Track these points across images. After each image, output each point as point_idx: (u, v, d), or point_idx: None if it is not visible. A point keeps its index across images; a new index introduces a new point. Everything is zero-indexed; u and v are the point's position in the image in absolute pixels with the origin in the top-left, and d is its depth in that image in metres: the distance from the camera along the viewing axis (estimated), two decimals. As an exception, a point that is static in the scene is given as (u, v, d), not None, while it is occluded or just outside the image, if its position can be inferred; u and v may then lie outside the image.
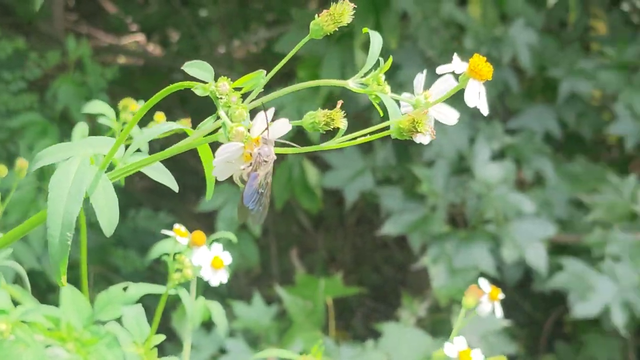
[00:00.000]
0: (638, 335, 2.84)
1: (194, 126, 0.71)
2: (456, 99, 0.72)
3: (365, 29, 0.71)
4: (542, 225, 2.60)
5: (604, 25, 3.27)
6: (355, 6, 0.70)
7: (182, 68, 0.60)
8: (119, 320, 1.17)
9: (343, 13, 0.67)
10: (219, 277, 1.03)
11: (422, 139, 0.69)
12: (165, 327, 1.78)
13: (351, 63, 2.70)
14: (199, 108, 2.99)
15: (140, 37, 4.11)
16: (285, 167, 2.86)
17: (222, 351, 2.38)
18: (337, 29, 0.70)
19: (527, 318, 3.15)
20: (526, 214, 2.59)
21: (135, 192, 3.24)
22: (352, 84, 0.69)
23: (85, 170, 0.65)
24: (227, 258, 1.03)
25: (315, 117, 0.66)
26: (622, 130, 2.81)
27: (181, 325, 2.34)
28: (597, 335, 2.74)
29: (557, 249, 2.76)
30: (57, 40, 3.36)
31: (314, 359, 1.06)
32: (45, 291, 2.56)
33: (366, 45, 2.71)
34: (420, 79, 0.72)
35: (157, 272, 3.02)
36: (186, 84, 0.61)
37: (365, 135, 0.65)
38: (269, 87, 0.68)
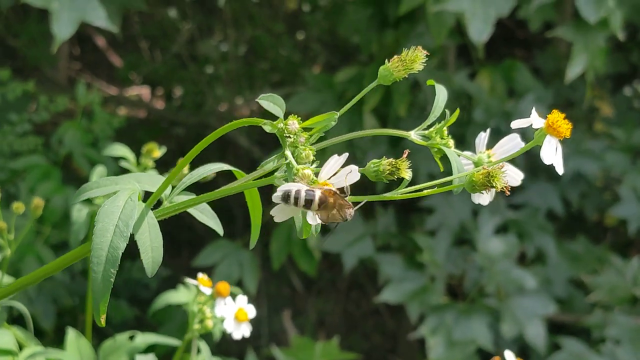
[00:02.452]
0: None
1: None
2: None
3: (430, 81, 0.69)
4: (543, 303, 2.57)
5: (608, 107, 3.28)
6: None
7: (256, 100, 0.57)
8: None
9: (415, 59, 0.65)
10: (242, 331, 0.98)
11: (482, 199, 0.67)
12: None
13: (359, 127, 2.68)
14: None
15: (142, 90, 4.11)
16: (284, 227, 2.83)
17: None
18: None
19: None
20: (527, 290, 2.56)
21: (131, 244, 3.19)
22: (414, 135, 0.67)
23: (132, 205, 0.62)
24: (251, 311, 0.99)
25: (380, 166, 0.63)
26: (625, 213, 2.79)
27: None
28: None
29: (554, 328, 2.72)
30: (60, 86, 3.36)
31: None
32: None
33: (375, 111, 2.70)
34: (482, 137, 0.69)
35: (143, 323, 2.96)
36: (254, 120, 0.58)
37: (432, 187, 0.62)
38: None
